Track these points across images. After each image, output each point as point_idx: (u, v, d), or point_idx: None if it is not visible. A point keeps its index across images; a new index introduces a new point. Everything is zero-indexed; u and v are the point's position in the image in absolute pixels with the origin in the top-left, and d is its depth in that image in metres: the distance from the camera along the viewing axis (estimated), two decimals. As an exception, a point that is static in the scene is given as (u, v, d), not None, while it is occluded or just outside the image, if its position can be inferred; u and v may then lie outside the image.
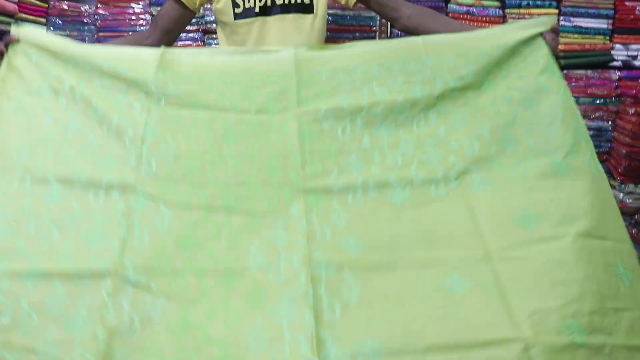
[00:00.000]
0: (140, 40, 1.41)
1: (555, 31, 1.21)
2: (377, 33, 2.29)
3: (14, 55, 1.14)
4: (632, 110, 2.20)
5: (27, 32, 1.15)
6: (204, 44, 2.30)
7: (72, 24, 2.29)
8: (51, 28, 2.28)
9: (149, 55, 1.15)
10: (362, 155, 1.08)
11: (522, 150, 1.08)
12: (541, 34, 1.19)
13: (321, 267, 0.93)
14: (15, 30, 1.15)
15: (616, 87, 2.29)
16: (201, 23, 2.28)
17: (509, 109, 1.12)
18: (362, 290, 0.90)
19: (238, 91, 1.12)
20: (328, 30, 1.60)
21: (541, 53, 1.18)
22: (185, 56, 1.16)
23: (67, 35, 2.27)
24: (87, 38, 2.30)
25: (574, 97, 2.13)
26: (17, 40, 1.14)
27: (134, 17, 2.28)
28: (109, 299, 0.87)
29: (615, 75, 2.29)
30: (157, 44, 1.37)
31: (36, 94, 1.10)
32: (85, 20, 2.30)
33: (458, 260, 0.96)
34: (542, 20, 1.21)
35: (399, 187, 1.05)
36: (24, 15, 2.17)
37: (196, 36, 2.29)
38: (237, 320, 0.86)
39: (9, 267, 0.90)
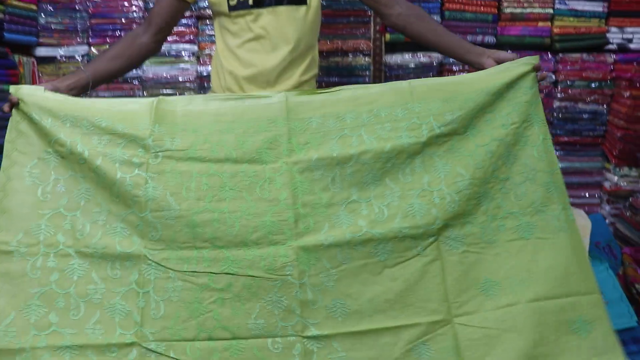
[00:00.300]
0: (134, 39, 1.43)
1: (537, 69, 1.27)
2: (372, 17, 2.28)
3: (19, 118, 1.19)
4: (627, 94, 2.23)
5: (26, 92, 1.20)
6: (198, 30, 2.31)
7: (63, 11, 2.27)
8: (42, 15, 2.27)
9: (143, 108, 1.21)
10: (351, 207, 1.17)
11: (494, 209, 1.19)
12: (531, 71, 1.24)
13: (314, 338, 1.10)
14: (15, 91, 1.19)
15: (611, 71, 2.31)
16: (195, 9, 2.27)
17: (489, 161, 1.20)
18: (347, 358, 1.08)
19: (232, 140, 1.19)
20: (323, 15, 1.61)
21: (525, 98, 1.23)
22: (180, 105, 1.22)
23: (59, 23, 2.29)
24: (79, 25, 2.30)
25: (569, 80, 2.24)
26: (19, 102, 1.19)
27: (126, 4, 2.26)
28: None
29: (611, 58, 2.31)
30: (151, 41, 1.42)
31: (45, 161, 1.18)
32: (77, 7, 2.28)
33: (426, 325, 1.11)
34: (525, 60, 1.26)
35: (383, 242, 1.15)
36: (14, 2, 2.15)
37: (190, 22, 2.30)
38: None
39: (47, 343, 1.07)
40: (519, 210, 1.18)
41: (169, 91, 2.32)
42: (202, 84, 2.32)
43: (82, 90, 1.32)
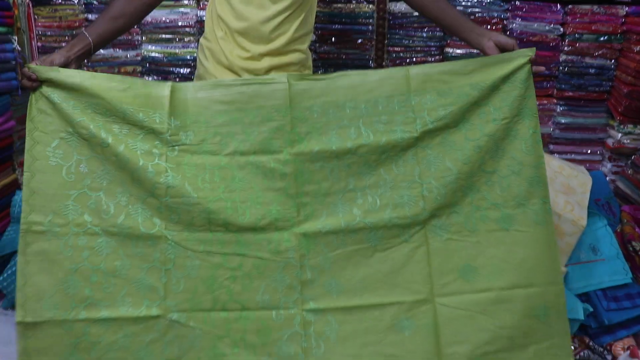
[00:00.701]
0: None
1: (533, 62, 1.34)
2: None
3: (38, 96, 1.26)
4: (636, 48, 2.22)
5: (43, 73, 1.25)
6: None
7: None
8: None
9: (160, 94, 1.29)
10: (347, 196, 1.32)
11: (479, 200, 1.33)
12: (527, 63, 1.31)
13: (311, 311, 1.29)
14: (32, 71, 1.24)
15: (622, 24, 2.32)
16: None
17: (477, 156, 1.32)
18: (339, 329, 1.30)
19: (240, 131, 1.30)
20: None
21: (519, 92, 1.31)
22: (191, 93, 1.31)
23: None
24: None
25: (577, 33, 2.33)
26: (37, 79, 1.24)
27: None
28: (162, 336, 1.27)
29: (622, 11, 2.30)
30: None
31: (67, 141, 1.27)
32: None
33: (410, 303, 1.30)
34: (522, 51, 1.34)
35: (375, 230, 1.31)
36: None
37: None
38: (253, 351, 1.28)
39: (87, 316, 1.26)
40: (502, 202, 1.31)
41: (168, 36, 2.38)
42: (201, 29, 2.35)
43: (89, 54, 1.39)
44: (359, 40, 2.39)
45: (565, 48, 2.36)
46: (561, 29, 2.35)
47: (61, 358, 1.26)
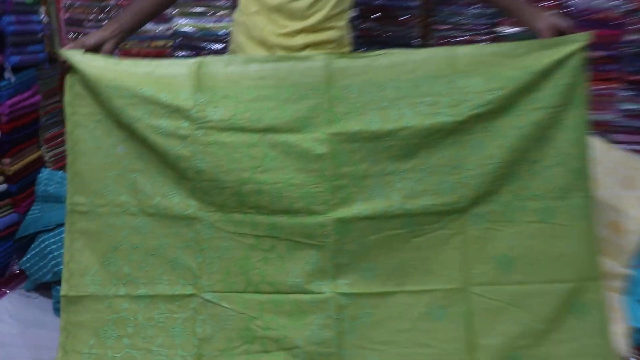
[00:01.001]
0: None
1: (589, 48, 1.36)
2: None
3: (74, 80, 1.37)
4: None
5: (70, 58, 1.36)
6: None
7: None
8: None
9: (184, 72, 1.35)
10: (385, 180, 1.36)
11: (520, 189, 1.38)
12: (582, 50, 1.32)
13: (345, 295, 1.38)
14: (65, 54, 1.35)
15: None
16: None
17: (522, 144, 1.35)
18: (372, 314, 1.39)
19: (273, 107, 1.33)
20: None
21: (571, 80, 1.33)
22: (220, 67, 1.35)
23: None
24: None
25: None
26: (70, 65, 1.36)
27: None
28: (196, 314, 1.40)
29: None
30: None
31: (103, 124, 1.37)
32: None
33: (444, 291, 1.37)
34: (577, 36, 1.35)
35: (412, 216, 1.37)
36: None
37: None
38: (285, 334, 1.39)
39: (126, 292, 1.40)
40: (543, 194, 1.35)
41: (201, 9, 2.48)
42: (236, 3, 2.21)
43: (126, 34, 1.51)
44: (404, 17, 2.42)
45: (631, 26, 2.35)
46: (626, 6, 2.33)
47: (100, 332, 1.40)
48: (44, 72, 2.35)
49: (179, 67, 1.37)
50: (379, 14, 2.42)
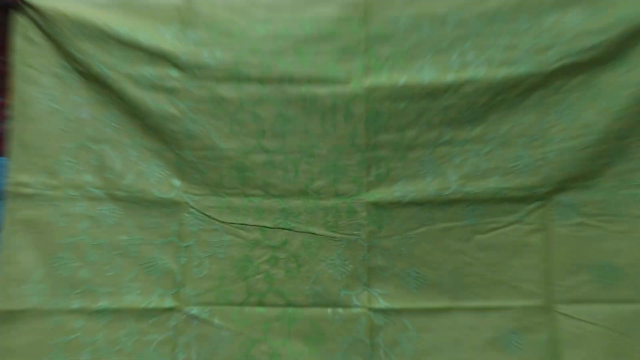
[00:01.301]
0: None
1: None
2: None
3: (26, 22, 1.16)
4: None
5: None
6: None
7: None
8: None
9: (171, 1, 1.15)
10: (439, 153, 1.16)
11: (629, 172, 1.14)
12: None
13: (381, 311, 1.15)
14: None
15: None
16: None
17: (635, 110, 1.12)
18: (418, 339, 1.15)
19: (290, 49, 1.15)
20: None
21: None
22: None
23: None
24: None
25: None
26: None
27: None
28: (177, 336, 1.15)
29: None
30: None
31: (63, 79, 1.17)
32: None
33: (519, 310, 1.14)
34: None
35: (476, 203, 1.15)
36: None
37: None
38: None
39: (81, 305, 1.15)
40: None
41: None
42: None
43: None
44: None
45: None
46: None
47: None
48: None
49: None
50: None
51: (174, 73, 1.16)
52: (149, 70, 1.16)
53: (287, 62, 1.16)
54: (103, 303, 1.17)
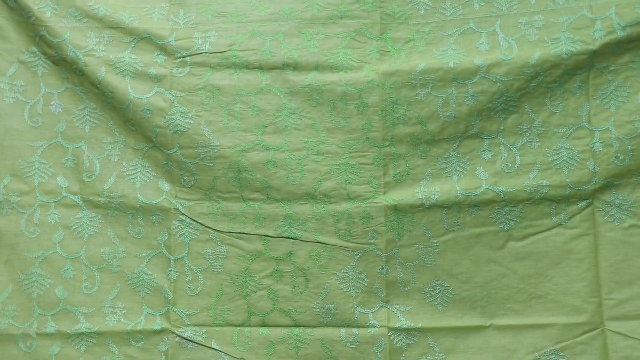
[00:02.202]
0: None
1: None
2: None
3: None
4: None
5: None
6: None
7: None
8: None
9: None
10: (468, 146, 1.08)
11: None
12: None
13: (402, 331, 1.06)
14: None
15: None
16: None
17: None
18: None
19: (295, 31, 1.12)
20: None
21: None
22: None
23: None
24: None
25: None
26: None
27: None
28: None
29: None
30: None
31: (30, 66, 1.11)
32: None
33: (562, 328, 1.05)
34: None
35: (510, 204, 1.06)
36: None
37: None
38: None
39: (57, 328, 1.06)
40: None
41: None
42: None
43: None
44: None
45: None
46: None
47: None
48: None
49: None
50: None
51: (160, 58, 1.11)
52: (132, 56, 1.10)
53: (291, 46, 1.11)
54: (82, 326, 1.09)
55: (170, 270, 1.10)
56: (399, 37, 1.10)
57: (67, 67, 1.09)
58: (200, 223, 1.10)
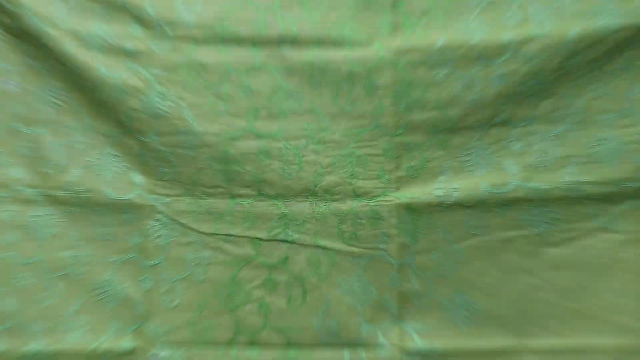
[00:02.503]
0: None
1: None
2: None
3: None
4: None
5: None
6: None
7: None
8: None
9: None
10: (494, 136, 1.01)
11: None
12: None
13: (418, 353, 1.01)
14: None
15: None
16: None
17: None
18: None
19: (294, 0, 1.05)
20: None
21: None
22: None
23: None
24: None
25: None
26: None
27: None
28: None
29: None
30: None
31: None
32: None
33: (607, 352, 1.00)
34: None
35: (545, 203, 0.99)
36: None
37: None
38: None
39: (8, 347, 0.98)
40: None
41: None
42: None
43: None
44: None
45: None
46: None
47: None
48: None
49: None
50: None
51: (136, 31, 1.03)
52: (103, 27, 1.02)
53: (290, 18, 1.04)
54: (37, 344, 1.00)
55: (144, 279, 1.02)
56: (415, 7, 1.02)
57: (25, 39, 1.00)
58: (180, 223, 1.03)
